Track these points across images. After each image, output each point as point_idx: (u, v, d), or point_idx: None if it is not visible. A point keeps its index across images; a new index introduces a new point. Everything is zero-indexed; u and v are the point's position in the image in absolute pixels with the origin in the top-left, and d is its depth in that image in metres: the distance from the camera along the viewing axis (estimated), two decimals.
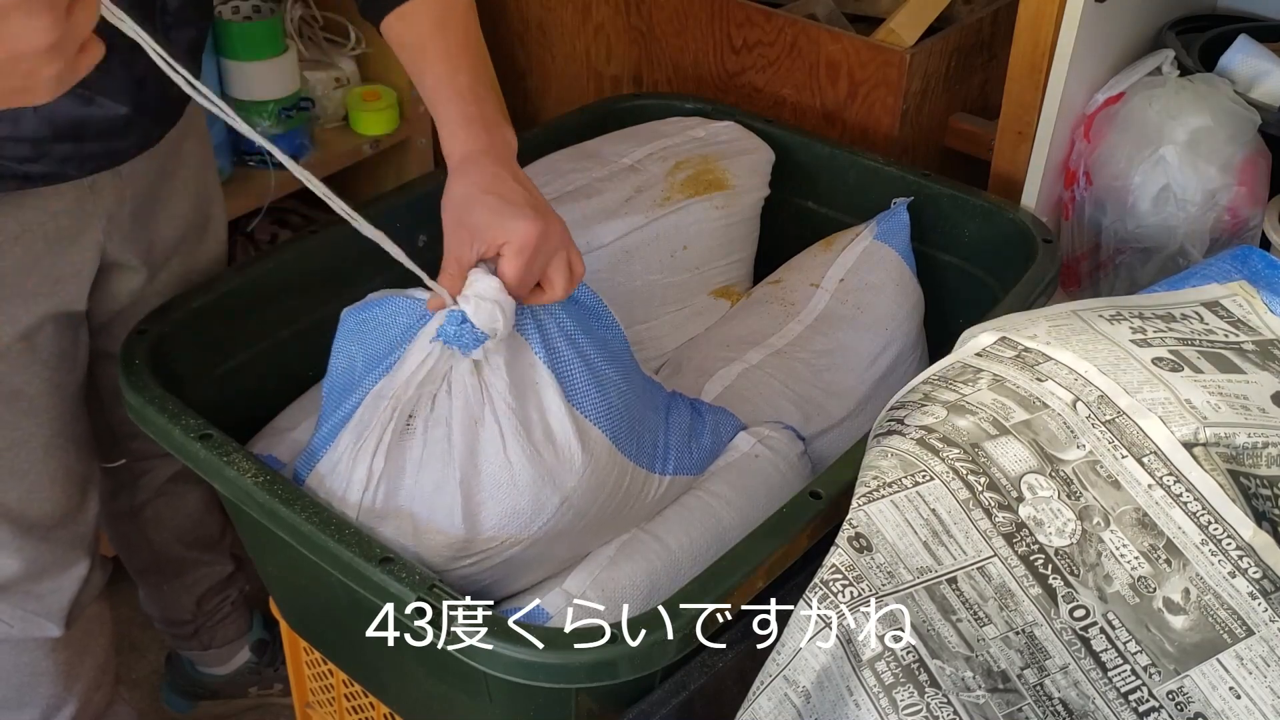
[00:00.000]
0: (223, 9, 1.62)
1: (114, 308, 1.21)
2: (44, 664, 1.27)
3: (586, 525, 1.02)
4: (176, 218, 1.22)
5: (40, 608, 1.22)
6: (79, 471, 1.22)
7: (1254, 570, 0.83)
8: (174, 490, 1.44)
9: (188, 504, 1.46)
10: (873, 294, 1.33)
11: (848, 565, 0.86)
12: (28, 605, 1.21)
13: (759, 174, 1.44)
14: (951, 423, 0.91)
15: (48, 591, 1.22)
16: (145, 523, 1.45)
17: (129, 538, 1.48)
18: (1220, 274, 1.10)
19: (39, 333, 1.12)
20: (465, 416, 0.97)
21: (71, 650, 1.28)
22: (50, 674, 1.28)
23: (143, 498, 1.43)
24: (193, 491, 1.46)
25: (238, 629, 1.61)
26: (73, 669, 1.30)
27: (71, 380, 1.19)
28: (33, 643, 1.25)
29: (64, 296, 1.13)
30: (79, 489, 1.22)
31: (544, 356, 1.00)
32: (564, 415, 0.99)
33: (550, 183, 1.36)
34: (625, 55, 1.81)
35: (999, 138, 1.41)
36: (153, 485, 1.42)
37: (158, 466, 1.41)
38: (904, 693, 0.81)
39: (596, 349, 1.04)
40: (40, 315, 1.11)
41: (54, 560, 1.21)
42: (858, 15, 1.69)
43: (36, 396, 1.14)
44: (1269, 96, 1.36)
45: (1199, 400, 0.90)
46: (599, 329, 1.06)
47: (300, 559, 0.96)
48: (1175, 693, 0.82)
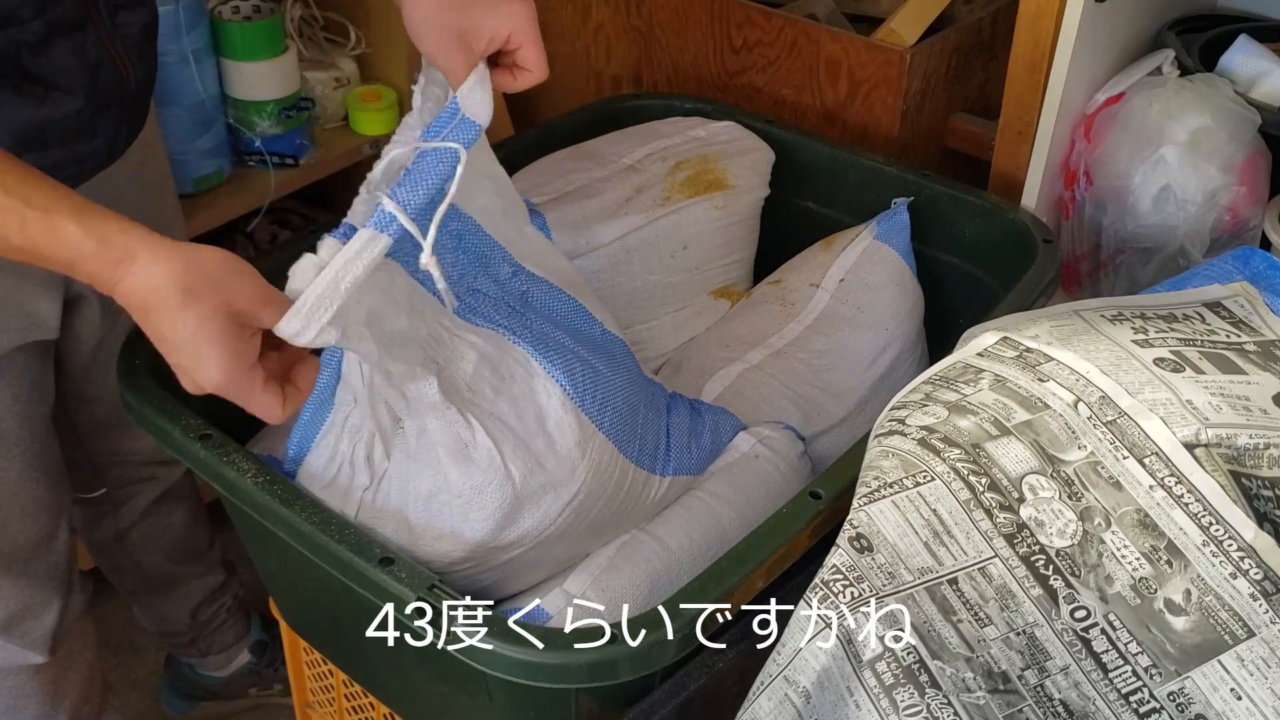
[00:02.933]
0: (223, 9, 1.62)
1: (83, 350, 1.19)
2: (29, 686, 1.25)
3: (587, 527, 1.02)
4: None
5: (24, 642, 1.20)
6: (48, 502, 1.20)
7: (1255, 572, 0.83)
8: (159, 511, 1.42)
9: (173, 522, 1.45)
10: (873, 294, 1.33)
11: (848, 565, 0.86)
12: (11, 640, 1.20)
13: (759, 174, 1.44)
14: (953, 423, 0.91)
15: (30, 629, 1.20)
16: (132, 547, 1.43)
17: (117, 563, 1.46)
18: (1222, 274, 1.10)
19: (9, 364, 1.09)
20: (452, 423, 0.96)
21: (56, 670, 1.26)
22: (36, 695, 1.26)
23: (127, 523, 1.41)
24: (177, 510, 1.44)
25: (235, 634, 1.60)
26: (59, 686, 1.28)
27: (41, 411, 1.16)
28: (17, 668, 1.23)
29: (31, 326, 1.10)
30: (50, 519, 1.20)
31: (541, 361, 0.99)
32: (565, 418, 0.98)
33: (550, 183, 1.36)
34: (625, 55, 1.81)
35: (999, 137, 1.41)
36: (137, 510, 1.40)
37: (141, 492, 1.39)
38: (904, 693, 0.81)
39: (595, 351, 1.04)
40: (9, 345, 1.09)
41: (32, 597, 1.19)
42: (858, 15, 1.69)
43: (7, 431, 1.12)
44: (1269, 96, 1.36)
45: (1201, 401, 0.90)
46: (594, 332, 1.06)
47: (300, 559, 0.96)
48: (1176, 694, 0.82)
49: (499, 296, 1.01)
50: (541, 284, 1.05)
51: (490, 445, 0.95)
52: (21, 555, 1.18)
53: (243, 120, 1.65)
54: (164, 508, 1.42)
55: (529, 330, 1.00)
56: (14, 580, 1.17)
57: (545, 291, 1.05)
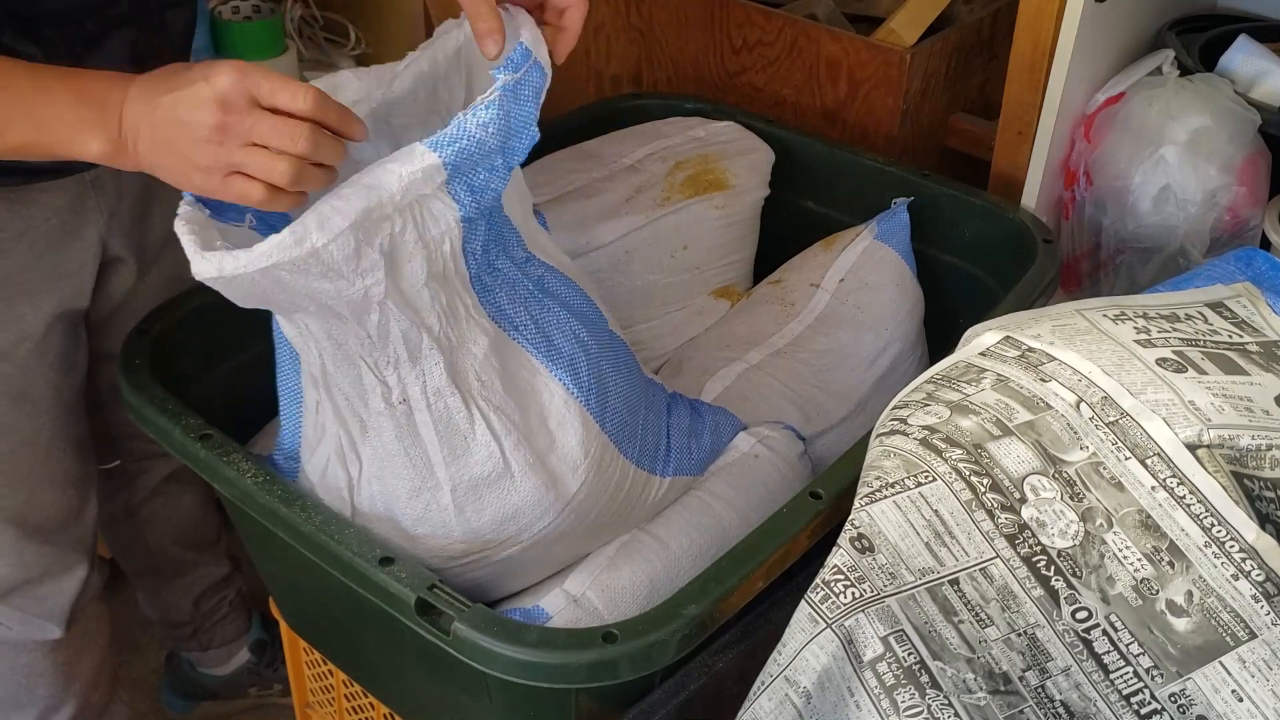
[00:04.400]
0: (223, 9, 1.62)
1: (109, 306, 1.21)
2: (42, 665, 1.27)
3: (587, 527, 1.02)
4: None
5: (41, 610, 1.22)
6: (79, 474, 1.22)
7: (1257, 573, 0.83)
8: (170, 491, 1.44)
9: (184, 505, 1.46)
10: (873, 294, 1.33)
11: (849, 566, 0.85)
12: (28, 608, 1.21)
13: (759, 174, 1.44)
14: (955, 423, 0.91)
15: (48, 594, 1.22)
16: (141, 524, 1.45)
17: (125, 539, 1.48)
18: (1224, 275, 1.10)
19: (46, 333, 1.11)
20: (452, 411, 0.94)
21: (70, 650, 1.28)
22: (49, 674, 1.28)
23: (139, 499, 1.42)
24: (189, 492, 1.46)
25: (236, 629, 1.60)
26: (71, 669, 1.30)
27: (72, 382, 1.19)
28: (31, 644, 1.25)
29: (68, 294, 1.12)
30: (79, 491, 1.22)
31: (544, 360, 0.98)
32: (569, 417, 0.98)
33: (550, 183, 1.36)
34: (625, 55, 1.81)
35: (999, 138, 1.41)
36: (148, 486, 1.42)
37: (154, 467, 1.40)
38: (905, 694, 0.81)
39: (603, 349, 1.03)
40: (46, 315, 1.11)
41: (55, 563, 1.21)
42: (858, 15, 1.68)
43: (40, 399, 1.14)
44: (1269, 96, 1.36)
45: (1203, 402, 0.90)
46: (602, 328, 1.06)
47: (300, 559, 0.96)
48: (1177, 695, 0.82)
49: (516, 279, 0.97)
50: (554, 273, 1.03)
51: (490, 439, 0.94)
52: (50, 525, 1.20)
53: None
54: (174, 488, 1.43)
55: (533, 324, 0.97)
56: (38, 547, 1.19)
57: (559, 281, 1.03)
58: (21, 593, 1.20)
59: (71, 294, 1.13)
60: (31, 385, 1.13)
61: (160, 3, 1.06)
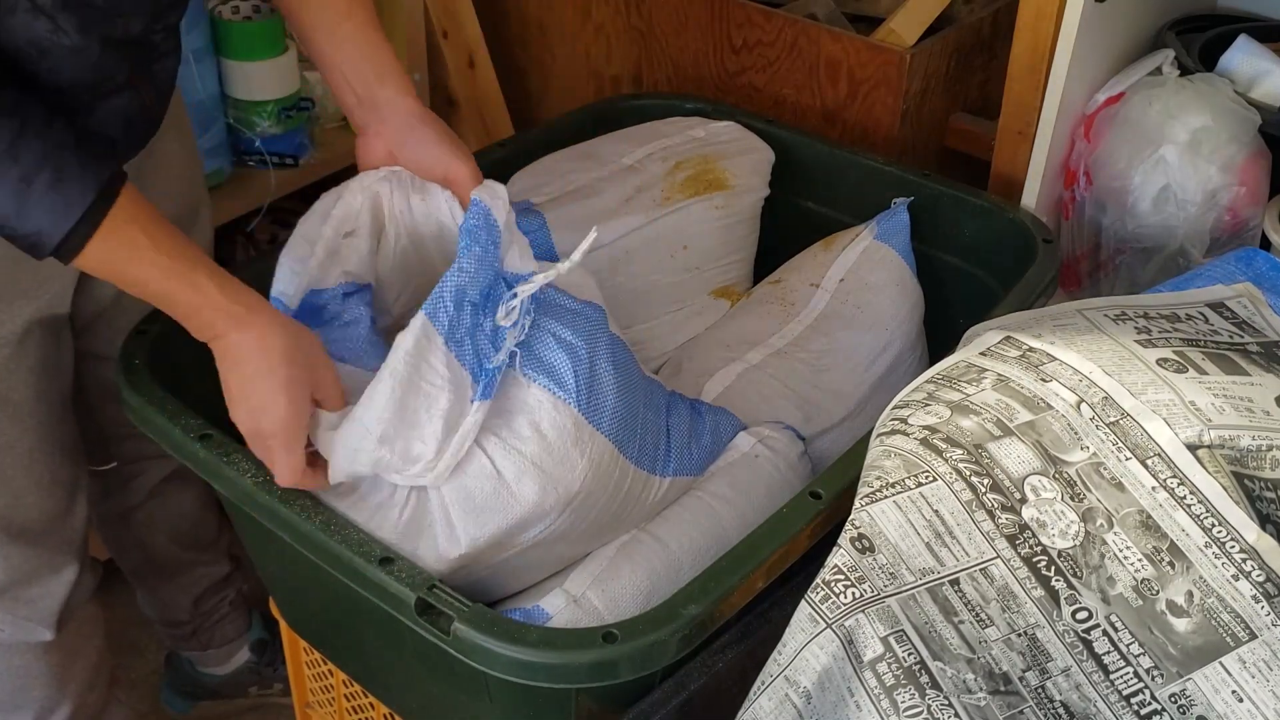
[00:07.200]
0: (223, 9, 1.62)
1: (96, 309, 1.20)
2: (36, 667, 1.26)
3: (587, 528, 1.02)
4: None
5: (30, 612, 1.22)
6: (64, 477, 1.21)
7: (1257, 573, 0.83)
8: (167, 491, 1.43)
9: (182, 505, 1.45)
10: (873, 294, 1.33)
11: (850, 566, 0.85)
12: (18, 611, 1.21)
13: (759, 174, 1.44)
14: (955, 423, 0.91)
15: (37, 597, 1.21)
16: (138, 525, 1.44)
17: (121, 540, 1.47)
18: (1225, 275, 1.10)
19: (25, 337, 1.11)
20: None
21: (64, 652, 1.28)
22: (43, 676, 1.27)
23: (135, 500, 1.42)
24: (187, 492, 1.45)
25: (237, 629, 1.60)
26: (66, 671, 1.29)
27: (56, 387, 1.17)
28: (24, 646, 1.24)
29: (49, 299, 1.11)
30: (66, 494, 1.21)
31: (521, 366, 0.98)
32: (558, 418, 0.97)
33: (550, 183, 1.35)
34: (625, 55, 1.81)
35: (999, 138, 1.41)
36: (145, 487, 1.41)
37: (150, 468, 1.40)
38: (905, 694, 0.81)
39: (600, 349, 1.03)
40: (26, 319, 1.10)
41: (42, 565, 1.21)
42: (858, 15, 1.69)
43: (22, 403, 1.13)
44: (1269, 96, 1.36)
45: (1203, 402, 0.90)
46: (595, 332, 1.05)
47: (300, 559, 0.96)
48: (1177, 695, 0.82)
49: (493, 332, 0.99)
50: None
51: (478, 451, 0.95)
52: (35, 528, 1.19)
53: (243, 120, 1.64)
54: (172, 488, 1.43)
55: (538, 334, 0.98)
56: (23, 550, 1.19)
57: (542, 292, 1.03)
58: (10, 595, 1.19)
59: (53, 299, 1.12)
60: (12, 390, 1.12)
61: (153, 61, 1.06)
